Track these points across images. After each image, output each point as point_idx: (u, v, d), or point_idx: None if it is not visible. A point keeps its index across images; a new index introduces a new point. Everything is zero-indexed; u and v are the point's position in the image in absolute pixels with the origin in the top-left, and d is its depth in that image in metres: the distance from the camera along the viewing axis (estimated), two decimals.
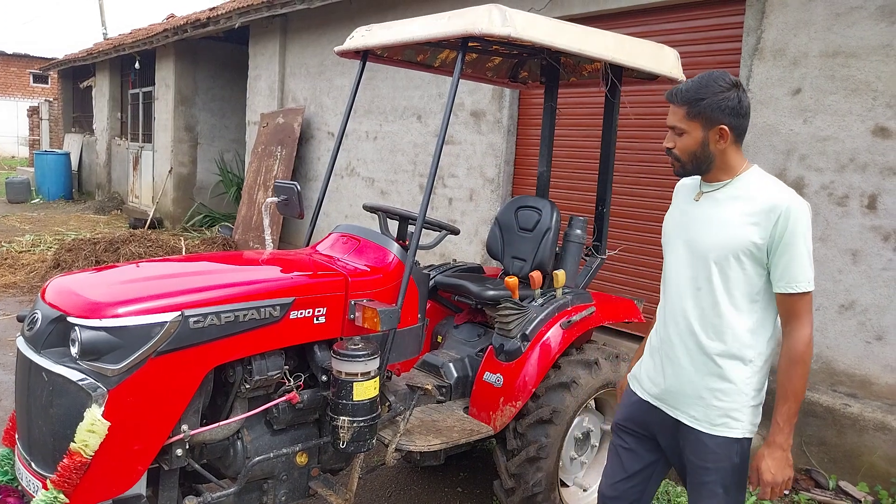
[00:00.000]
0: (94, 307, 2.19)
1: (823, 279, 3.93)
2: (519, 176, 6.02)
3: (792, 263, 1.91)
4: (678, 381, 2.09)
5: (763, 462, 1.97)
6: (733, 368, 2.00)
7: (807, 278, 1.91)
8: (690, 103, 2.00)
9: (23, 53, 28.72)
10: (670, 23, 4.80)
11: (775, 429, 1.97)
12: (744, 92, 2.01)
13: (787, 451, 1.96)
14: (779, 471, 1.95)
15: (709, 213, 2.04)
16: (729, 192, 2.03)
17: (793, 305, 1.94)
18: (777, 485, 1.95)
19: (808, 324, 1.94)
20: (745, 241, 1.94)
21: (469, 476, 3.89)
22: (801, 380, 1.94)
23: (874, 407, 3.72)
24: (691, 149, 2.02)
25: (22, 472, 2.26)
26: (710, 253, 2.00)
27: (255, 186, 9.01)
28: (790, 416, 1.96)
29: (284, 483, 2.64)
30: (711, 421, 2.03)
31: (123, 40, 12.93)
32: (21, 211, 13.57)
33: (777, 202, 1.92)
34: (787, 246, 1.91)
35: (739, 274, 1.97)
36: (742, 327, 1.99)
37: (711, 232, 2.01)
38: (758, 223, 1.93)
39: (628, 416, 2.28)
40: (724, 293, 1.99)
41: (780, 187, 1.99)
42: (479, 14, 2.62)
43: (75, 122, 18.84)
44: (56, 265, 7.65)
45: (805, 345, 1.94)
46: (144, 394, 2.17)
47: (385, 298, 2.78)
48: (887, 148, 3.68)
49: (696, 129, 2.00)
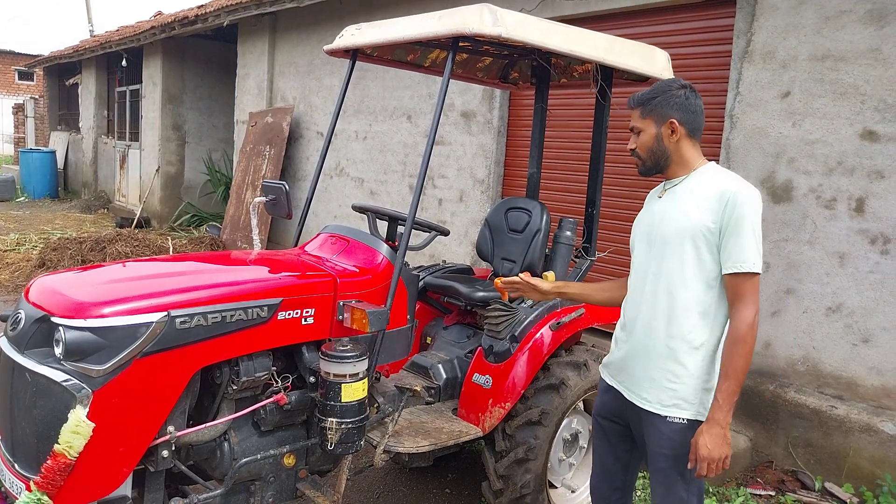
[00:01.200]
0: (79, 307, 2.16)
1: (811, 282, 3.95)
2: (509, 177, 6.03)
3: (738, 245, 2.01)
4: (634, 364, 2.20)
5: (700, 437, 2.01)
6: (684, 352, 2.09)
7: (752, 260, 2.00)
8: (643, 104, 2.19)
9: (8, 50, 28.42)
10: (661, 25, 4.82)
11: (715, 406, 2.02)
12: (693, 92, 2.17)
13: (725, 428, 2.01)
14: (715, 447, 1.98)
15: (669, 206, 2.17)
16: (687, 186, 2.16)
17: (738, 286, 2.02)
18: (713, 460, 1.99)
19: (752, 305, 2.02)
20: (699, 226, 2.06)
21: (457, 477, 3.88)
22: (742, 359, 2.00)
23: (860, 409, 3.75)
24: (648, 145, 2.18)
25: (5, 473, 2.23)
26: (669, 240, 2.13)
27: (244, 186, 8.96)
28: (730, 394, 2.01)
29: (272, 485, 2.62)
30: (662, 402, 2.12)
31: (110, 37, 12.82)
32: (6, 209, 13.42)
33: (726, 188, 2.05)
34: (735, 228, 2.01)
35: (695, 259, 2.07)
36: (695, 311, 2.08)
37: (670, 221, 2.14)
38: (710, 209, 2.05)
39: (602, 405, 2.39)
40: (679, 278, 2.10)
41: (731, 177, 2.11)
42: (470, 14, 2.61)
43: (61, 120, 18.67)
44: (41, 264, 7.57)
45: (748, 326, 2.00)
46: (130, 395, 2.14)
47: (374, 299, 2.76)
48: (875, 151, 3.71)
49: (650, 126, 2.18)
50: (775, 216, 4.09)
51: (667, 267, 2.12)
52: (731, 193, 2.02)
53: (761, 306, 4.10)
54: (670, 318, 2.10)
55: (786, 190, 4.05)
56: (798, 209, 4.00)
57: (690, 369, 2.09)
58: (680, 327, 2.09)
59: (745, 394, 4.17)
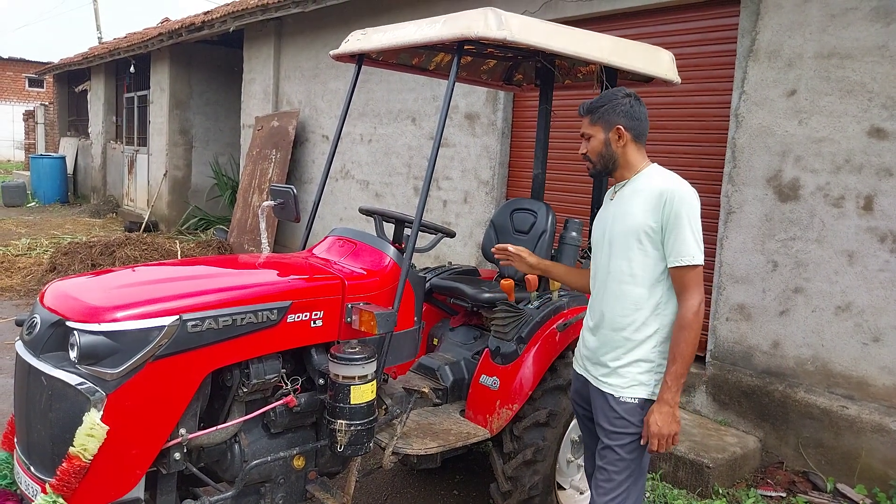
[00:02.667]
0: (93, 311, 2.18)
1: (819, 281, 3.95)
2: (513, 178, 6.04)
3: (679, 240, 2.17)
4: (597, 354, 2.37)
5: (651, 416, 2.20)
6: (638, 342, 2.27)
7: (691, 253, 2.17)
8: (592, 111, 2.36)
9: (18, 58, 28.66)
10: (665, 24, 4.82)
11: (664, 387, 2.20)
12: (637, 100, 2.34)
13: (673, 407, 2.19)
14: (665, 424, 2.17)
15: (618, 208, 2.34)
16: (631, 187, 2.33)
17: (682, 278, 2.20)
18: (663, 437, 2.18)
19: (696, 294, 2.19)
20: (642, 225, 2.22)
21: (465, 479, 3.89)
22: (688, 344, 2.18)
23: (871, 409, 3.73)
24: (598, 149, 2.36)
25: (21, 476, 2.26)
26: (618, 240, 2.30)
27: (250, 190, 9.01)
28: (677, 377, 2.18)
29: (282, 486, 2.64)
30: (620, 385, 2.29)
31: (118, 44, 12.91)
32: (17, 215, 13.53)
33: (664, 188, 2.21)
34: (674, 225, 2.18)
35: (642, 257, 2.24)
36: (647, 304, 2.25)
37: (619, 222, 2.31)
38: (651, 208, 2.22)
39: (574, 391, 2.58)
40: (629, 274, 2.27)
41: (669, 177, 2.27)
42: (474, 17, 2.63)
43: (71, 126, 18.81)
44: (52, 269, 7.63)
45: (693, 313, 2.18)
46: (143, 398, 2.17)
47: (381, 301, 2.78)
48: (883, 149, 3.70)
49: (599, 132, 2.35)
50: (782, 215, 4.08)
51: (617, 265, 2.30)
52: (668, 193, 2.19)
53: (769, 305, 4.13)
54: (628, 310, 2.27)
55: (793, 189, 4.04)
56: (805, 208, 3.99)
57: (644, 356, 2.27)
58: (635, 319, 2.26)
59: (755, 394, 4.16)
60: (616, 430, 2.28)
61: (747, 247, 4.23)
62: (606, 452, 2.30)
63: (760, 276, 4.18)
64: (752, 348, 4.24)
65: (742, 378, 4.24)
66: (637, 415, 2.26)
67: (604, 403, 2.33)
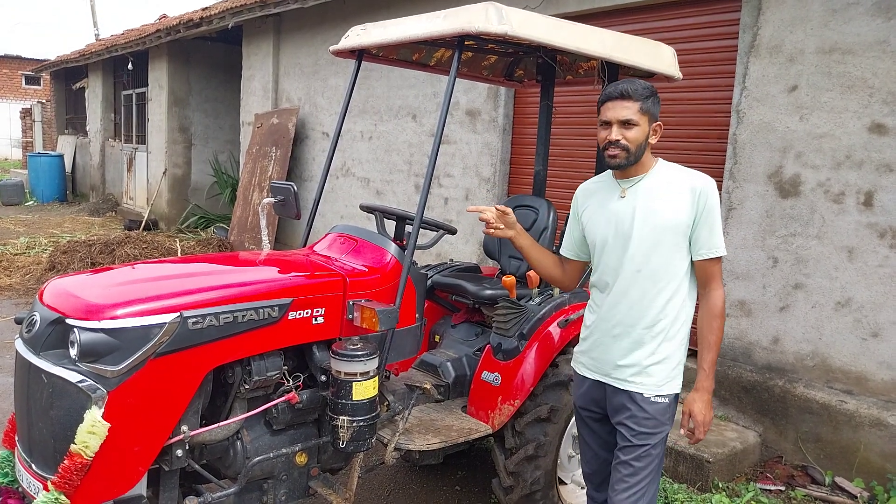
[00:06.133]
0: (93, 309, 2.18)
1: (819, 276, 3.95)
2: (515, 175, 6.03)
3: (712, 232, 2.19)
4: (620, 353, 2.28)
5: (695, 405, 2.22)
6: (671, 336, 2.24)
7: (721, 245, 2.21)
8: (643, 99, 2.22)
9: (14, 55, 28.56)
10: (666, 20, 4.81)
11: (702, 375, 2.22)
12: None
13: (711, 394, 2.24)
14: (707, 411, 2.22)
15: (636, 205, 2.25)
16: (647, 184, 2.27)
17: (712, 268, 2.22)
18: (706, 425, 2.22)
19: (721, 284, 2.26)
20: (679, 222, 2.19)
21: (467, 474, 3.89)
22: (721, 332, 2.25)
23: (870, 403, 3.74)
24: (639, 140, 2.22)
25: (22, 473, 2.26)
26: (646, 237, 2.22)
27: (250, 187, 9.00)
28: (713, 364, 2.22)
29: (284, 483, 2.64)
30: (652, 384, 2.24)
31: (116, 41, 12.88)
32: (15, 213, 13.52)
33: (694, 184, 2.21)
34: (707, 217, 2.19)
35: (674, 252, 2.21)
36: (677, 299, 2.23)
37: (645, 219, 2.23)
38: (684, 203, 2.19)
39: (581, 395, 2.46)
40: (662, 271, 2.22)
41: (692, 172, 2.26)
42: (475, 12, 2.62)
43: (68, 124, 18.76)
44: (51, 267, 7.63)
45: (723, 301, 2.24)
46: (144, 395, 2.16)
47: (383, 298, 2.78)
48: (883, 145, 3.70)
49: (645, 123, 2.23)
50: (783, 211, 4.08)
51: (642, 263, 2.22)
52: (700, 187, 2.19)
53: (769, 301, 4.13)
54: (654, 308, 2.23)
55: (793, 184, 4.04)
56: (806, 203, 3.99)
57: (673, 352, 2.25)
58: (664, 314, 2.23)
59: (755, 389, 4.17)
60: (645, 431, 2.23)
61: (748, 243, 4.23)
62: (632, 450, 2.24)
63: (761, 272, 4.18)
64: (752, 344, 4.24)
65: (742, 373, 4.24)
66: (667, 413, 2.24)
67: (630, 403, 2.25)
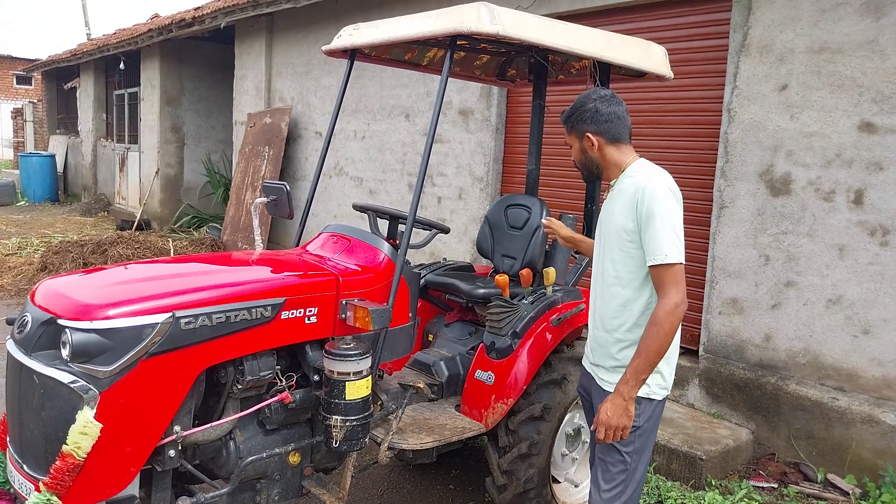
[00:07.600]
0: (85, 309, 2.17)
1: (811, 274, 3.97)
2: (508, 174, 6.04)
3: (653, 238, 2.13)
4: (595, 352, 2.40)
5: (603, 405, 2.22)
6: (633, 341, 2.25)
7: (664, 252, 2.11)
8: (565, 122, 2.38)
9: (5, 55, 28.37)
10: (657, 20, 4.83)
11: (622, 379, 2.19)
12: (603, 102, 2.30)
13: (628, 401, 2.17)
14: (614, 415, 2.16)
15: (607, 208, 2.36)
16: (618, 187, 2.33)
17: (658, 276, 2.15)
18: (610, 427, 2.17)
19: (673, 293, 2.12)
20: (623, 225, 2.22)
21: (461, 473, 3.90)
22: (654, 341, 2.12)
23: (861, 400, 3.77)
24: (577, 157, 2.40)
25: (14, 474, 2.25)
26: (606, 241, 2.32)
27: (243, 187, 8.98)
28: (637, 371, 2.15)
29: (277, 483, 2.64)
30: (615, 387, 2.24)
31: (108, 41, 12.82)
32: (6, 214, 13.44)
33: (637, 187, 2.18)
34: (647, 223, 2.14)
35: (626, 258, 2.24)
36: (636, 306, 2.25)
37: (606, 223, 2.34)
38: (628, 208, 2.21)
39: (581, 386, 2.62)
40: (614, 276, 2.28)
41: (645, 175, 2.22)
42: (467, 12, 2.63)
43: (60, 124, 18.67)
44: (43, 268, 7.59)
45: (665, 311, 2.11)
46: (136, 395, 2.16)
47: (376, 298, 2.78)
48: (873, 143, 3.72)
49: (574, 141, 2.38)
50: (774, 209, 4.10)
51: (605, 266, 2.32)
52: (640, 192, 2.16)
53: (761, 299, 4.15)
54: (619, 310, 2.28)
55: (784, 183, 4.06)
56: (797, 202, 4.02)
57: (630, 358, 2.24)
58: (628, 319, 2.26)
59: (747, 386, 4.19)
60: None
61: (739, 241, 4.25)
62: (605, 447, 2.31)
63: (753, 270, 4.20)
64: (744, 342, 4.26)
65: (735, 371, 4.26)
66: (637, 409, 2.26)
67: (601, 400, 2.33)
